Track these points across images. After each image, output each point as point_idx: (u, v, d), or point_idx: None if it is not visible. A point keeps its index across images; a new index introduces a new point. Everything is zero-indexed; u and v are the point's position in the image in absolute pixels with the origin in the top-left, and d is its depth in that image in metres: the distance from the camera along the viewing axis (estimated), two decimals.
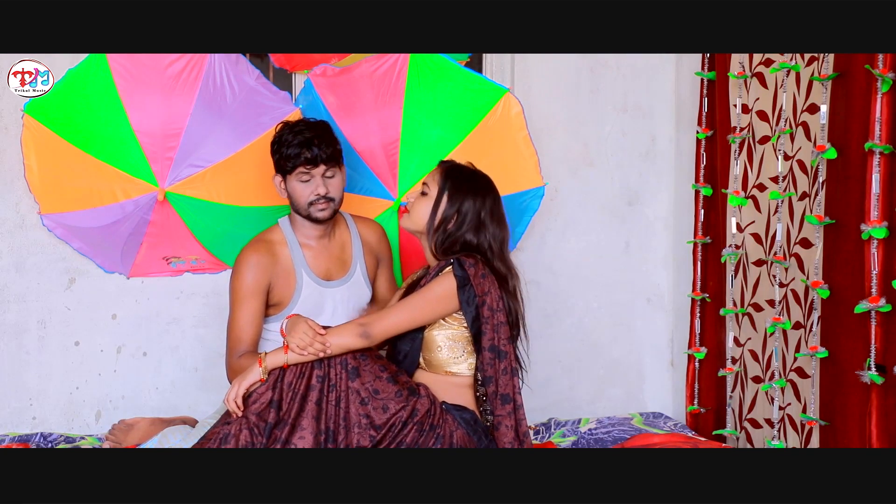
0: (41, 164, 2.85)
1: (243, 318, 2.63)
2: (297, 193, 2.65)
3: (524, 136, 3.08)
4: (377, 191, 3.03)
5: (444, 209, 2.48)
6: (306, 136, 2.61)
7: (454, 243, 2.47)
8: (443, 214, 2.48)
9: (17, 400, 2.99)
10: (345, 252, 2.78)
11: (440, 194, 2.49)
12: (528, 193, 3.12)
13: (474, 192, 2.49)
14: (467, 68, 3.05)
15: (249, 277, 2.64)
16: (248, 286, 2.63)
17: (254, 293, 2.64)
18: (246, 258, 2.66)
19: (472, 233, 2.47)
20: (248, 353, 2.60)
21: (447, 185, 2.49)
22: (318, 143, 2.61)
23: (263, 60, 3.07)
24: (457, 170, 2.53)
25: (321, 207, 2.65)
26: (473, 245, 2.47)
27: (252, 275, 2.64)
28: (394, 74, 2.99)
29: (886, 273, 2.31)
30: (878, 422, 2.31)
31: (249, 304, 2.63)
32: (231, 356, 2.62)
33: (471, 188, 2.50)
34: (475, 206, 2.48)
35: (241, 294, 2.64)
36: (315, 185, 2.63)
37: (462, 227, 2.47)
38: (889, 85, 2.29)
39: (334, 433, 2.33)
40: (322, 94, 2.97)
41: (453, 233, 2.47)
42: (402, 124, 3.01)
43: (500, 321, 2.43)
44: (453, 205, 2.48)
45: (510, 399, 2.42)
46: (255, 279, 2.64)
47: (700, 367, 3.19)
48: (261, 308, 2.65)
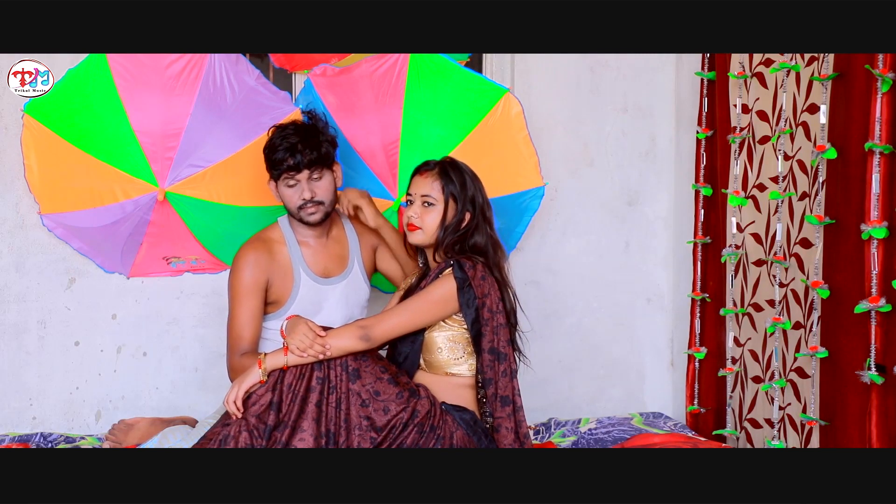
0: (41, 164, 2.85)
1: (243, 316, 2.63)
2: (287, 198, 2.66)
3: (524, 136, 3.08)
4: (377, 191, 3.03)
5: (458, 211, 2.48)
6: (291, 141, 2.60)
7: (465, 239, 2.48)
8: (457, 217, 2.48)
9: (17, 400, 2.99)
10: (343, 249, 2.78)
11: (447, 199, 2.48)
12: (527, 193, 3.12)
13: (470, 182, 2.50)
14: (467, 68, 3.05)
15: (247, 275, 2.64)
16: (246, 284, 2.64)
17: (252, 291, 2.64)
18: (244, 256, 2.66)
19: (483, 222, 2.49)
20: (250, 353, 2.60)
21: (450, 188, 2.48)
22: (301, 149, 2.60)
23: (263, 60, 3.07)
24: (448, 168, 2.52)
25: (311, 211, 2.65)
26: (483, 240, 2.48)
27: (250, 273, 2.64)
28: (394, 74, 2.99)
29: (886, 273, 2.31)
30: (878, 422, 2.31)
31: (248, 302, 2.63)
32: (232, 355, 2.62)
33: (467, 181, 2.50)
34: (478, 196, 2.50)
35: (240, 292, 2.64)
36: (301, 190, 2.63)
37: (475, 219, 2.48)
38: (889, 85, 2.29)
39: (335, 435, 2.32)
40: (322, 94, 2.97)
41: (469, 227, 2.48)
42: (402, 124, 3.01)
43: (500, 323, 2.43)
44: (464, 203, 2.48)
45: (510, 401, 2.42)
46: (254, 277, 2.64)
47: (700, 367, 3.19)
48: (260, 306, 2.66)
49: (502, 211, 3.07)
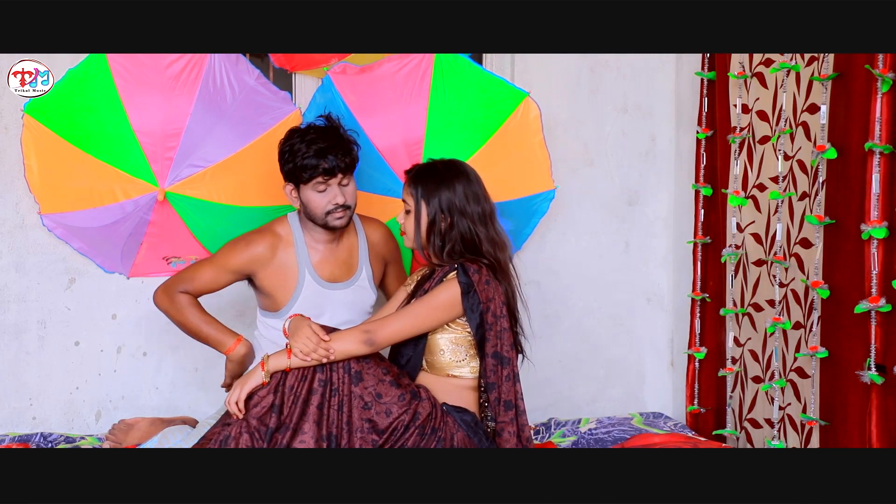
0: (41, 164, 2.85)
1: (207, 274, 2.67)
2: (314, 204, 2.62)
3: (539, 140, 3.08)
4: (398, 190, 3.01)
5: (428, 214, 2.46)
6: (321, 145, 2.56)
7: (454, 241, 2.46)
8: (429, 219, 2.47)
9: (17, 400, 2.99)
10: (352, 256, 2.77)
11: (417, 203, 2.48)
12: (539, 196, 3.13)
13: (443, 183, 2.46)
14: (490, 71, 3.05)
15: (238, 257, 2.66)
16: (231, 262, 2.66)
17: (231, 271, 2.67)
18: (250, 240, 2.67)
19: (462, 220, 2.45)
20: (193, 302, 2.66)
21: (419, 192, 2.47)
22: (334, 153, 2.57)
23: (263, 60, 3.07)
24: (421, 173, 2.50)
25: (338, 216, 2.62)
26: (469, 236, 2.45)
27: (242, 256, 2.66)
28: (419, 74, 2.99)
29: (886, 273, 2.31)
30: (878, 422, 2.31)
31: (220, 274, 2.67)
32: (176, 282, 2.68)
33: (438, 182, 2.47)
34: (452, 196, 2.45)
35: (222, 261, 2.67)
36: (333, 195, 2.60)
37: (453, 221, 2.45)
38: (889, 85, 2.29)
39: (336, 438, 2.32)
40: (342, 92, 2.97)
41: (448, 231, 2.47)
42: (427, 124, 3.00)
43: (504, 327, 2.43)
44: (433, 206, 2.46)
45: (513, 405, 2.42)
46: (243, 262, 2.66)
47: (700, 367, 3.19)
48: (228, 282, 2.69)
49: (514, 214, 3.07)
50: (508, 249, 2.52)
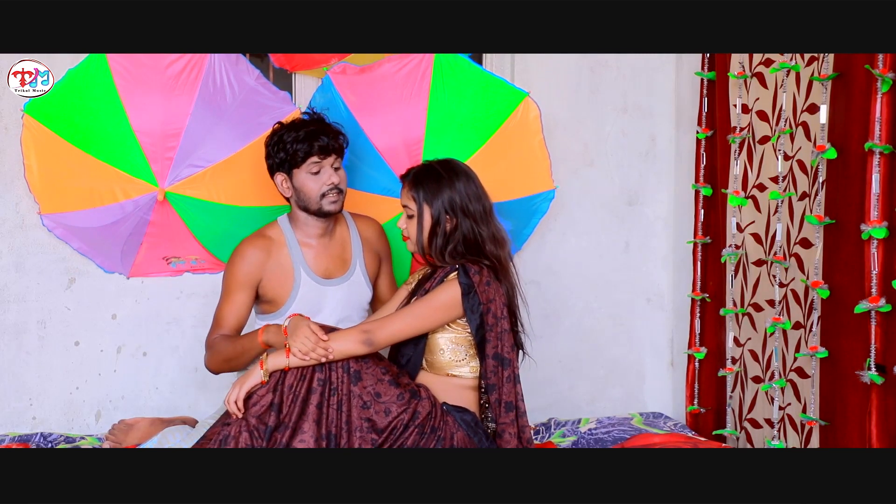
0: (41, 164, 2.85)
1: (227, 308, 2.66)
2: (308, 187, 2.65)
3: (539, 140, 3.09)
4: (398, 191, 3.01)
5: (432, 216, 2.47)
6: (310, 128, 2.63)
7: (457, 241, 2.46)
8: (433, 221, 2.47)
9: (17, 400, 2.99)
10: (345, 251, 2.78)
11: (420, 207, 2.48)
12: (538, 196, 3.13)
13: (444, 184, 2.46)
14: (489, 71, 3.05)
15: (239, 270, 2.66)
16: (237, 279, 2.66)
17: (242, 286, 2.66)
18: (241, 251, 2.68)
19: (466, 220, 2.45)
20: (223, 336, 2.64)
21: (422, 195, 2.47)
22: (325, 133, 2.63)
23: (263, 60, 3.07)
24: (420, 175, 2.50)
25: (333, 199, 2.65)
26: (472, 236, 2.46)
27: (243, 268, 2.66)
28: (418, 75, 2.99)
29: (886, 273, 2.31)
30: (878, 422, 2.31)
31: (236, 296, 2.66)
32: (210, 334, 2.67)
33: (440, 183, 2.46)
34: (454, 196, 2.45)
35: (230, 285, 2.67)
36: (327, 175, 2.64)
37: (458, 221, 2.45)
38: (889, 85, 2.29)
39: (336, 437, 2.32)
40: (342, 92, 2.97)
41: (453, 231, 2.47)
42: (427, 124, 3.00)
43: (504, 329, 2.43)
44: (436, 207, 2.46)
45: (513, 406, 2.42)
46: (246, 273, 2.66)
47: (700, 367, 3.18)
48: (247, 300, 2.68)
49: (514, 214, 3.07)
50: (508, 246, 2.53)
